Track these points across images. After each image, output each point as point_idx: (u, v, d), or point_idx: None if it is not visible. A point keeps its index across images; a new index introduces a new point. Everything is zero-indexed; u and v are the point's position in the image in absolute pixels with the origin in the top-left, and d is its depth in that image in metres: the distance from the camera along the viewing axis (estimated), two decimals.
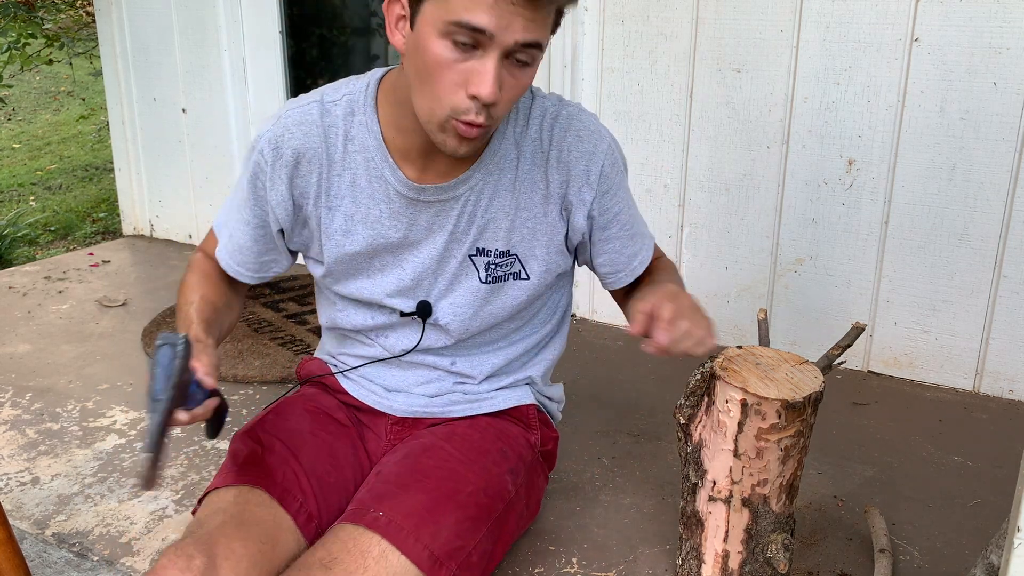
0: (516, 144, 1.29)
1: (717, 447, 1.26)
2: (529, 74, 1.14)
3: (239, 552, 1.16)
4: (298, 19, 3.04)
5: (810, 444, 1.88)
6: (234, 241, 1.39)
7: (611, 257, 1.39)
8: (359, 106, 1.28)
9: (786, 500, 1.27)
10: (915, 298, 2.16)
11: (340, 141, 1.28)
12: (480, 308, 1.37)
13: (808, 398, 1.21)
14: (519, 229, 1.32)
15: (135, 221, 3.54)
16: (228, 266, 1.41)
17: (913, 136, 2.07)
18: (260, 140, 1.30)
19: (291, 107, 1.30)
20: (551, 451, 1.55)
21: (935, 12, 1.98)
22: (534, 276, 1.37)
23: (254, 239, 1.37)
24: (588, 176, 1.30)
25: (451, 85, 1.10)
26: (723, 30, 2.21)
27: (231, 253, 1.40)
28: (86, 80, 8.24)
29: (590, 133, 1.30)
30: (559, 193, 1.31)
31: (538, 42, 1.10)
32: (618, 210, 1.35)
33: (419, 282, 1.35)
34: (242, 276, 1.42)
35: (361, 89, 1.29)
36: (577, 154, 1.29)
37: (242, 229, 1.37)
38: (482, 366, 1.45)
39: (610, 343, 2.45)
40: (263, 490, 1.26)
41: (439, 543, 1.20)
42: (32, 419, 2.06)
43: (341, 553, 1.16)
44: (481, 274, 1.34)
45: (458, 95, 1.10)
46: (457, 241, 1.32)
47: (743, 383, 1.22)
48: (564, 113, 1.30)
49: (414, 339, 1.41)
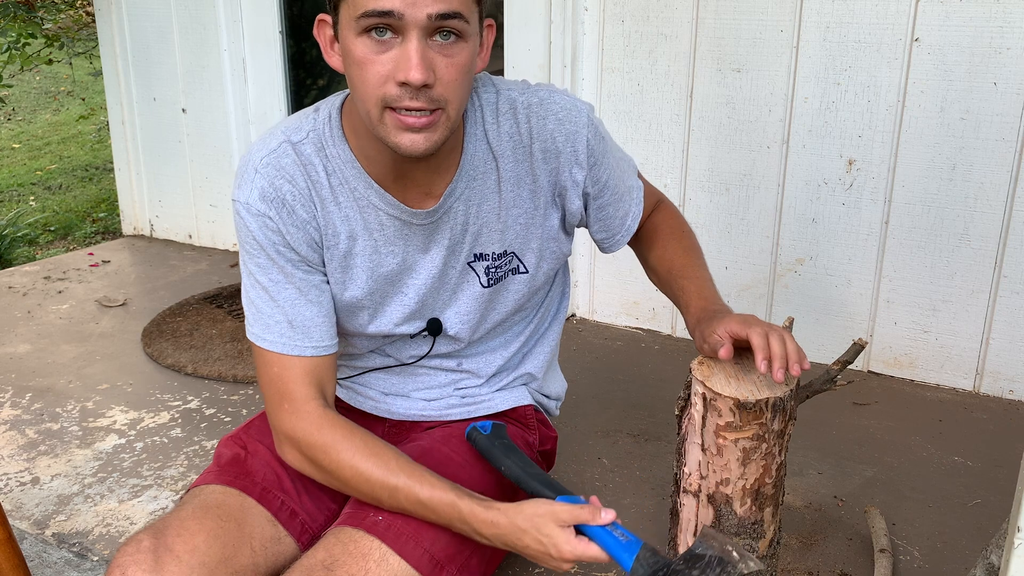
0: (489, 144, 1.26)
1: (692, 440, 1.28)
2: (463, 50, 1.09)
3: (192, 528, 1.17)
4: (298, 19, 3.04)
5: (810, 445, 1.89)
6: (301, 323, 1.24)
7: (605, 224, 1.39)
8: (327, 139, 1.22)
9: (752, 506, 1.27)
10: (915, 298, 2.16)
11: (323, 177, 1.22)
12: (486, 311, 1.37)
13: (764, 402, 1.21)
14: (512, 228, 1.31)
15: (135, 221, 3.54)
16: (324, 348, 1.25)
17: (913, 136, 2.07)
18: (248, 203, 1.20)
19: (260, 156, 1.21)
20: (550, 451, 1.55)
21: (935, 12, 1.98)
22: (531, 267, 1.36)
23: (318, 302, 1.26)
24: (576, 156, 1.28)
25: (378, 79, 1.07)
26: (723, 30, 2.21)
27: (309, 334, 1.24)
28: (86, 80, 8.24)
29: (568, 112, 1.27)
30: (550, 183, 1.30)
31: (455, 12, 1.05)
32: (607, 176, 1.34)
33: (424, 302, 1.33)
34: (335, 346, 1.28)
35: (324, 121, 1.23)
36: (561, 139, 1.27)
37: (299, 303, 1.24)
38: (488, 365, 1.45)
39: (610, 343, 2.45)
40: (239, 490, 1.26)
41: (439, 547, 1.19)
42: (32, 419, 2.05)
43: (343, 556, 1.15)
44: (482, 279, 1.33)
45: (387, 86, 1.07)
46: (454, 253, 1.30)
47: (705, 377, 1.24)
48: (535, 100, 1.26)
49: (423, 349, 1.40)
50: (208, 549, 1.15)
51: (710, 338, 1.22)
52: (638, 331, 2.52)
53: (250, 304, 1.25)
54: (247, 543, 1.21)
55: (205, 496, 1.25)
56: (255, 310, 1.24)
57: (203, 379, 2.25)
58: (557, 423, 1.93)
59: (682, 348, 2.41)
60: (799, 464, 1.81)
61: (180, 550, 1.14)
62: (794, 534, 1.58)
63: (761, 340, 1.16)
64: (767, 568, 1.29)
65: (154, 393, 2.18)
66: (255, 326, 1.24)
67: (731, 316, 1.23)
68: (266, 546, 1.24)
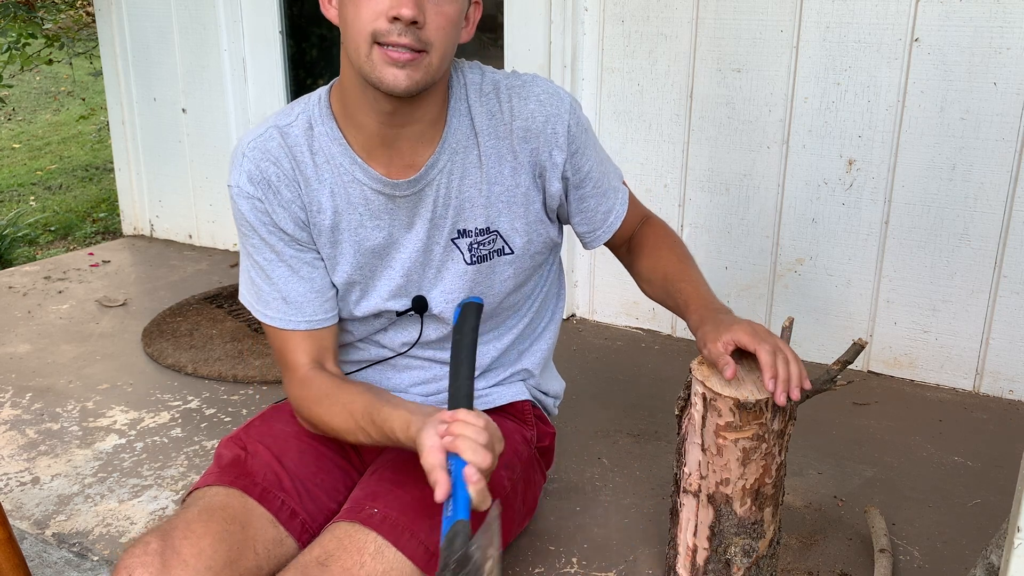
0: (472, 120, 1.30)
1: (692, 440, 1.29)
2: (453, 3, 1.17)
3: (199, 531, 1.18)
4: (298, 19, 3.04)
5: (810, 444, 1.89)
6: (295, 299, 1.32)
7: (587, 216, 1.42)
8: (316, 118, 1.29)
9: (752, 506, 1.27)
10: (915, 298, 2.16)
11: (308, 157, 1.29)
12: (471, 291, 1.38)
13: (764, 402, 1.21)
14: (495, 204, 1.33)
15: (135, 221, 3.54)
16: (317, 322, 1.34)
17: (913, 136, 2.07)
18: (239, 187, 1.29)
19: (248, 141, 1.30)
20: (548, 447, 1.56)
21: (935, 12, 1.98)
22: (517, 249, 1.37)
23: (309, 278, 1.33)
24: (556, 138, 1.31)
25: (372, 14, 1.14)
26: (723, 30, 2.21)
27: (302, 309, 1.33)
28: (86, 80, 8.24)
29: (549, 96, 1.31)
30: (530, 162, 1.32)
31: None
32: (589, 168, 1.37)
33: (409, 277, 1.36)
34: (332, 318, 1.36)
35: (314, 103, 1.31)
36: (542, 119, 1.30)
37: (291, 280, 1.32)
38: (482, 356, 1.46)
39: (610, 343, 2.45)
40: (240, 490, 1.27)
41: (435, 538, 1.20)
42: (32, 419, 2.06)
43: (337, 550, 1.16)
44: (466, 255, 1.35)
45: (379, 21, 1.14)
46: (437, 227, 1.32)
47: (705, 378, 1.24)
48: (519, 83, 1.32)
49: (413, 335, 1.41)
50: (214, 553, 1.16)
51: (713, 346, 1.23)
52: (638, 331, 2.52)
53: (250, 283, 1.34)
54: (251, 546, 1.22)
55: (209, 498, 1.25)
56: (255, 288, 1.34)
57: (203, 379, 2.26)
58: (557, 423, 1.93)
59: (682, 348, 2.41)
60: (799, 464, 1.81)
61: (187, 554, 1.15)
62: (794, 534, 1.58)
63: (770, 359, 1.19)
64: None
65: (154, 393, 2.18)
66: (257, 303, 1.34)
67: (738, 325, 1.23)
68: (269, 548, 1.25)
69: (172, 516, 1.23)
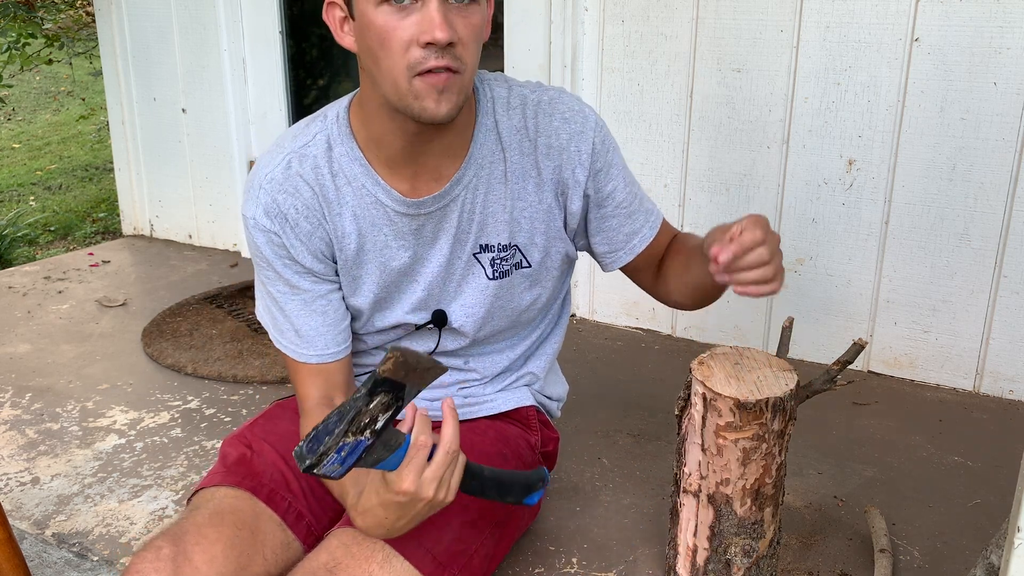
0: (498, 136, 1.27)
1: (692, 440, 1.28)
2: (477, 12, 1.13)
3: (211, 537, 1.18)
4: (298, 19, 3.04)
5: (810, 444, 1.89)
6: (307, 333, 1.31)
7: (608, 236, 1.37)
8: (336, 138, 1.25)
9: (752, 506, 1.27)
10: (915, 298, 2.16)
11: (329, 179, 1.25)
12: (491, 305, 1.37)
13: (764, 401, 1.21)
14: (518, 220, 1.31)
15: (135, 221, 3.54)
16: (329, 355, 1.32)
17: (913, 136, 2.07)
18: (255, 219, 1.25)
19: (265, 172, 1.25)
20: (551, 452, 1.55)
21: (935, 12, 1.98)
22: (534, 263, 1.36)
23: (323, 312, 1.31)
24: (580, 156, 1.29)
25: (403, 45, 1.09)
26: (723, 30, 2.21)
27: (313, 343, 1.31)
28: (86, 80, 8.24)
29: (575, 114, 1.29)
30: (553, 179, 1.30)
31: None
32: (612, 188, 1.33)
33: (431, 291, 1.34)
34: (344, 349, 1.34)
35: (332, 120, 1.26)
36: (566, 136, 1.28)
37: (303, 314, 1.30)
38: (494, 365, 1.45)
39: (610, 343, 2.45)
40: (248, 491, 1.27)
41: (441, 548, 1.20)
42: (32, 419, 2.06)
43: (345, 558, 1.16)
44: (488, 271, 1.34)
45: (412, 51, 1.09)
46: (460, 242, 1.31)
47: (705, 377, 1.24)
48: (545, 99, 1.29)
49: (430, 345, 1.41)
50: (226, 560, 1.17)
51: (720, 234, 1.14)
52: (638, 331, 2.52)
53: (266, 311, 1.33)
54: (260, 552, 1.22)
55: (219, 501, 1.25)
56: (270, 317, 1.33)
57: (203, 379, 2.25)
58: (557, 423, 1.93)
59: (682, 348, 2.41)
60: (799, 464, 1.81)
61: (199, 560, 1.15)
62: (794, 534, 1.58)
63: (748, 237, 1.09)
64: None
65: (154, 393, 2.18)
66: (272, 328, 1.34)
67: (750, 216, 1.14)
68: (277, 553, 1.25)
69: (182, 519, 1.23)
